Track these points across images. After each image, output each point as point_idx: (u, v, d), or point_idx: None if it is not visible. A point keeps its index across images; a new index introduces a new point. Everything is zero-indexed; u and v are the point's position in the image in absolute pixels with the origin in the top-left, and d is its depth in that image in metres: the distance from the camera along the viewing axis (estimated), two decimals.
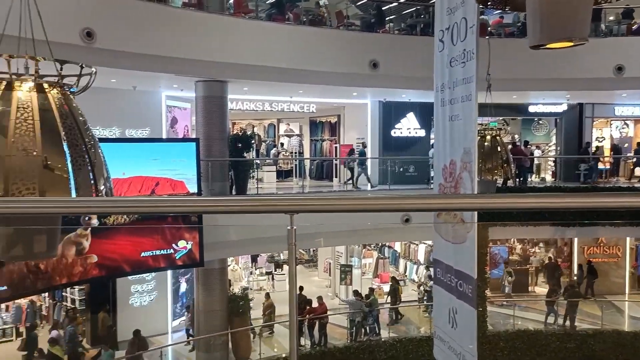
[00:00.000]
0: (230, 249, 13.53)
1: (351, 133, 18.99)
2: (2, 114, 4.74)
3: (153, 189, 11.48)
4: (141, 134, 14.58)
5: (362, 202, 1.85)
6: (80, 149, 5.09)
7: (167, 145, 12.86)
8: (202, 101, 13.28)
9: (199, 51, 12.08)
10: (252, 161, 15.11)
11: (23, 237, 5.01)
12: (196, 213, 1.84)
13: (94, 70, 5.20)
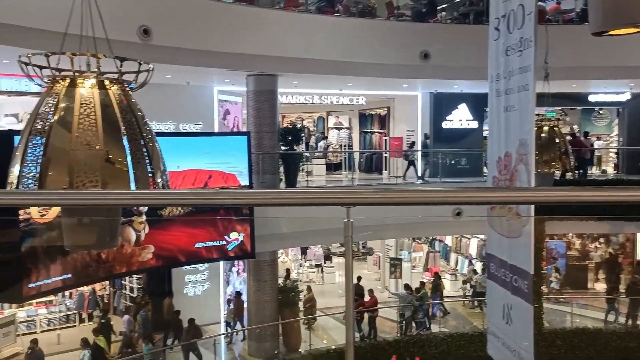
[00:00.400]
0: (281, 241, 13.69)
1: (401, 125, 18.79)
2: (67, 110, 4.97)
3: (206, 181, 11.75)
4: (194, 128, 14.93)
5: (419, 195, 1.83)
6: (139, 143, 5.27)
7: (219, 139, 13.11)
8: (253, 95, 13.45)
9: (250, 46, 12.24)
10: (301, 154, 15.21)
11: (86, 227, 5.24)
12: (255, 205, 1.87)
13: (152, 67, 5.37)
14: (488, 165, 7.66)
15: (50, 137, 4.82)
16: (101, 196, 2.61)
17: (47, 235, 9.13)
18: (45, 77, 4.98)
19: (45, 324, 14.80)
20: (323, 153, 19.70)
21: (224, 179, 11.90)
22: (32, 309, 14.73)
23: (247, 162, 12.18)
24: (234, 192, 2.31)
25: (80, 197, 2.61)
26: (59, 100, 4.92)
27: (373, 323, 14.13)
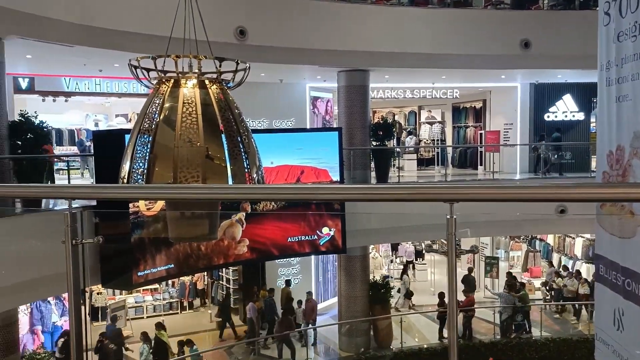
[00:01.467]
0: (372, 236, 13.63)
1: (498, 119, 18.01)
2: (171, 109, 5.26)
3: (298, 177, 11.97)
4: (287, 125, 15.26)
5: (527, 192, 1.71)
6: (236, 139, 5.46)
7: (311, 135, 13.29)
8: (344, 91, 13.49)
9: (342, 42, 12.28)
10: (393, 149, 15.04)
11: (189, 221, 5.50)
12: (356, 200, 1.85)
13: (248, 66, 5.54)
14: (597, 159, 7.11)
15: (157, 135, 5.12)
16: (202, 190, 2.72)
17: (153, 227, 9.74)
18: (152, 78, 5.30)
19: (151, 310, 15.83)
20: (415, 148, 19.35)
21: (315, 174, 12.05)
22: (140, 296, 15.80)
23: (339, 157, 12.24)
24: (335, 187, 2.30)
25: (183, 191, 2.73)
26: (164, 100, 5.21)
27: (468, 323, 13.70)
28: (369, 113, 13.93)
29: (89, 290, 13.24)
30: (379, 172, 13.75)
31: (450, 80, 16.56)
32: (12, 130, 9.27)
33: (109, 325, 13.29)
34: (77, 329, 2.12)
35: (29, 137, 9.41)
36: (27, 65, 12.51)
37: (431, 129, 20.48)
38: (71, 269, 2.08)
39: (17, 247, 7.91)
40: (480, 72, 14.38)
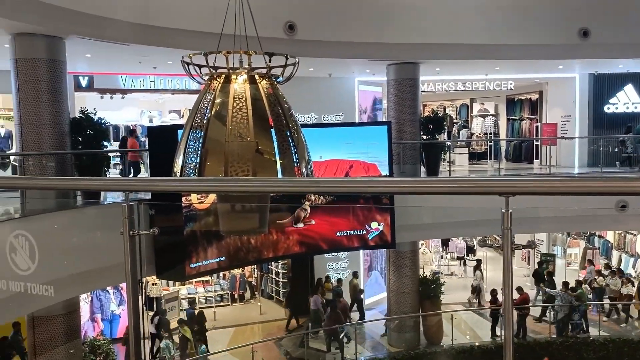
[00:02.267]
0: (422, 231, 13.44)
1: (555, 111, 17.36)
2: (222, 104, 5.34)
3: (347, 171, 11.94)
4: (336, 119, 15.25)
5: (589, 185, 1.62)
6: (285, 134, 5.50)
7: (360, 129, 13.21)
8: (394, 84, 13.34)
9: (391, 34, 12.14)
10: (444, 143, 14.77)
11: (240, 214, 5.58)
12: (408, 194, 1.80)
13: (297, 60, 5.55)
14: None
15: (208, 131, 5.23)
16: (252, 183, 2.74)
17: (205, 220, 9.95)
18: (203, 74, 5.41)
19: (203, 302, 16.21)
20: (466, 142, 18.93)
21: (364, 168, 11.99)
22: (192, 287, 16.22)
23: (388, 151, 12.13)
24: (385, 180, 2.26)
25: (233, 184, 2.76)
26: (215, 96, 5.31)
27: (522, 322, 13.32)
28: (419, 106, 13.72)
29: (144, 280, 13.71)
30: (429, 167, 13.54)
31: (505, 72, 16.08)
32: (73, 126, 9.69)
33: (189, 309, 14.07)
34: (135, 317, 2.19)
35: (89, 133, 9.82)
36: (86, 64, 13.03)
37: (484, 122, 19.97)
38: (129, 259, 2.14)
39: (77, 238, 8.26)
40: (536, 62, 13.89)
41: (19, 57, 9.05)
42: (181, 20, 10.20)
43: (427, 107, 20.13)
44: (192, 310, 13.87)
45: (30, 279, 2.86)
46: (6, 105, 15.14)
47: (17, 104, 9.15)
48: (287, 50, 5.92)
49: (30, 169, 9.46)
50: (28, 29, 8.84)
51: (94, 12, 9.16)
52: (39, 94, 9.06)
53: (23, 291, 2.86)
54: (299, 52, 9.15)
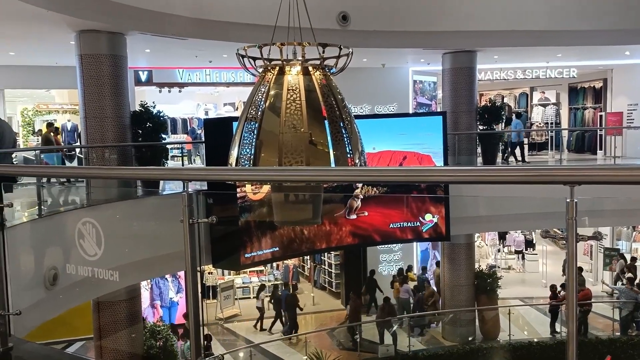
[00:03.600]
0: (478, 224, 13.13)
1: (620, 99, 16.51)
2: (276, 96, 5.39)
3: (401, 162, 11.80)
4: (389, 110, 15.10)
5: None
6: (339, 125, 5.49)
7: (414, 119, 13.02)
8: (449, 73, 13.05)
9: (447, 22, 11.85)
10: (501, 133, 14.34)
11: (293, 205, 5.63)
12: (463, 183, 1.74)
13: (351, 51, 5.52)
14: None
15: (262, 122, 5.29)
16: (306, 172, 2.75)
17: (259, 211, 10.11)
18: (258, 67, 5.47)
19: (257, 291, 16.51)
20: (526, 132, 18.30)
21: (418, 159, 11.82)
22: (247, 277, 16.55)
23: (443, 142, 11.90)
24: (441, 169, 2.20)
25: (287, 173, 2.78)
26: (269, 87, 5.36)
27: (584, 318, 12.81)
28: (475, 96, 13.37)
29: (200, 269, 14.12)
30: (486, 158, 13.18)
31: (567, 59, 15.40)
32: (134, 119, 10.04)
33: (283, 291, 14.88)
34: (194, 304, 2.25)
35: (148, 126, 10.15)
36: (145, 59, 13.46)
37: (544, 111, 19.23)
38: (188, 247, 2.20)
39: (138, 227, 8.58)
40: (601, 48, 13.22)
41: (84, 53, 9.45)
42: (236, 14, 10.34)
43: (484, 96, 19.60)
44: (286, 292, 14.63)
45: (97, 265, 3.00)
46: (72, 100, 15.89)
47: (82, 98, 9.57)
48: (340, 41, 5.89)
49: (94, 160, 9.89)
50: (92, 27, 9.20)
51: (153, 8, 9.44)
52: (102, 88, 9.45)
53: (91, 276, 3.00)
54: (352, 42, 9.10)
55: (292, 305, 13.99)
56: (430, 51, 12.78)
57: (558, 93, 19.25)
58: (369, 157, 11.21)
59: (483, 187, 9.55)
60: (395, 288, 14.63)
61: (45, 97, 17.21)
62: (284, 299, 14.24)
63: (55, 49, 11.29)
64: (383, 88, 14.93)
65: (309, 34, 5.58)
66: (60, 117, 15.92)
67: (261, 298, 14.56)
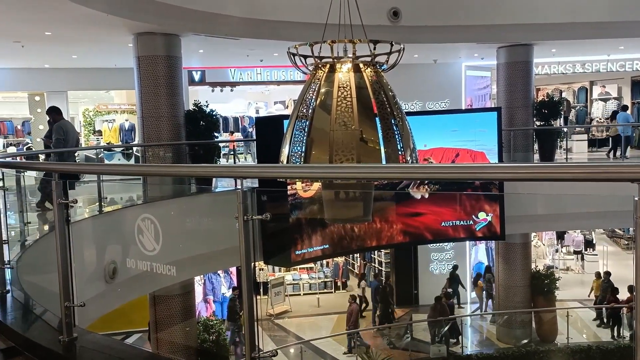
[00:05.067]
0: (534, 223, 12.71)
1: None
2: (327, 93, 5.38)
3: (453, 160, 11.57)
4: (441, 106, 14.83)
5: None
6: (390, 122, 5.43)
7: (467, 116, 12.73)
8: (504, 68, 12.68)
9: (502, 15, 11.51)
10: (559, 129, 13.82)
11: (344, 203, 5.62)
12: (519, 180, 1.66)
13: (403, 47, 5.44)
14: None
15: (313, 120, 5.30)
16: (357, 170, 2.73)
17: (309, 208, 10.15)
18: (308, 65, 5.48)
19: (307, 288, 16.62)
20: (585, 128, 17.57)
21: (472, 157, 11.55)
22: (297, 274, 16.68)
23: (497, 139, 11.58)
24: (496, 166, 2.12)
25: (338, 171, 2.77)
26: (320, 85, 5.36)
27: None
28: (532, 91, 12.94)
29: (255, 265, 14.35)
30: (544, 154, 12.74)
31: (630, 51, 14.68)
32: (188, 118, 10.30)
33: (372, 282, 14.92)
34: (249, 299, 2.28)
35: (201, 124, 10.39)
36: (199, 59, 13.78)
37: (605, 106, 18.41)
38: (243, 243, 2.22)
39: (192, 223, 8.79)
40: None
41: (141, 55, 9.76)
42: (287, 13, 10.41)
43: (541, 91, 18.96)
44: (377, 283, 14.56)
45: (155, 259, 3.10)
46: (130, 100, 16.47)
47: (139, 98, 9.89)
48: (391, 37, 5.82)
49: (150, 159, 10.21)
50: (148, 29, 9.50)
51: (206, 10, 9.64)
52: (157, 88, 9.74)
53: (149, 270, 3.09)
54: (403, 38, 9.00)
55: (384, 297, 13.87)
56: (485, 45, 12.46)
57: (620, 87, 18.38)
58: (421, 154, 11.06)
59: (541, 185, 9.24)
60: (479, 286, 14.52)
61: (105, 97, 17.92)
62: (374, 289, 14.23)
63: (114, 52, 11.74)
64: (435, 84, 14.69)
65: (359, 31, 5.54)
66: (118, 117, 16.54)
67: (362, 287, 14.58)
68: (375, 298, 14.17)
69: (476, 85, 15.95)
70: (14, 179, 5.31)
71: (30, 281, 4.51)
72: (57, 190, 3.07)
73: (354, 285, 17.23)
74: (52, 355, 3.10)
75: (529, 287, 12.89)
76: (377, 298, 14.09)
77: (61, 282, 3.09)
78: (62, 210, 3.10)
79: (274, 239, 10.12)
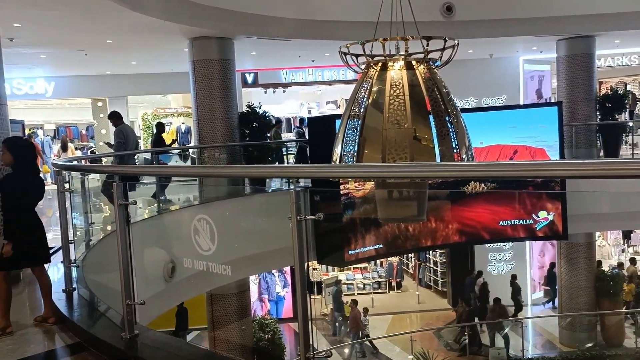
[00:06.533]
0: (599, 222, 12.12)
1: None
2: (379, 92, 5.33)
3: (511, 157, 11.22)
4: (497, 102, 14.43)
5: None
6: (444, 119, 5.32)
7: (526, 111, 12.30)
8: (565, 61, 12.18)
9: (561, 6, 11.07)
10: (624, 124, 13.14)
11: (398, 202, 5.55)
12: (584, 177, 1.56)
13: (457, 42, 5.31)
14: None
15: (366, 119, 5.25)
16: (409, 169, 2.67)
17: (363, 208, 10.10)
18: (360, 63, 5.44)
19: (361, 288, 16.55)
20: None
21: (531, 153, 11.16)
22: (350, 274, 16.63)
23: (559, 135, 11.13)
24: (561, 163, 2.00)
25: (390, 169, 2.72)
26: (372, 84, 5.31)
27: None
28: (594, 84, 12.37)
29: None
30: (608, 150, 12.14)
31: None
32: (241, 120, 10.47)
33: (469, 279, 14.47)
34: (303, 299, 2.28)
35: (255, 126, 10.53)
36: (251, 61, 13.99)
37: None
38: (296, 243, 2.22)
39: (247, 223, 8.92)
40: None
41: (196, 59, 10.01)
42: (338, 12, 10.40)
43: (604, 84, 18.11)
44: (472, 280, 14.19)
45: (211, 259, 3.16)
46: (186, 103, 16.93)
47: (194, 101, 10.14)
48: (445, 33, 5.70)
49: (206, 160, 10.44)
50: (203, 33, 9.72)
51: (258, 12, 9.77)
52: (212, 91, 9.95)
53: (205, 270, 3.15)
54: (457, 34, 8.79)
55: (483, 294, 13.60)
56: (543, 38, 12.01)
57: None
58: (476, 152, 10.76)
59: (606, 182, 8.82)
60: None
61: (162, 101, 18.52)
62: (469, 285, 13.94)
63: (171, 57, 12.09)
64: (491, 79, 14.30)
65: (412, 28, 5.45)
66: (175, 120, 17.04)
67: (479, 283, 14.11)
68: (469, 295, 13.76)
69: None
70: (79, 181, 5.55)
71: (95, 279, 4.71)
72: (117, 191, 3.17)
73: (408, 285, 17.03)
74: (115, 352, 3.21)
75: (594, 289, 12.33)
76: (470, 295, 13.68)
77: (122, 281, 3.19)
78: (122, 211, 3.21)
79: (328, 238, 10.13)
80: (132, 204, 3.32)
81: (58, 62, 12.75)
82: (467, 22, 10.82)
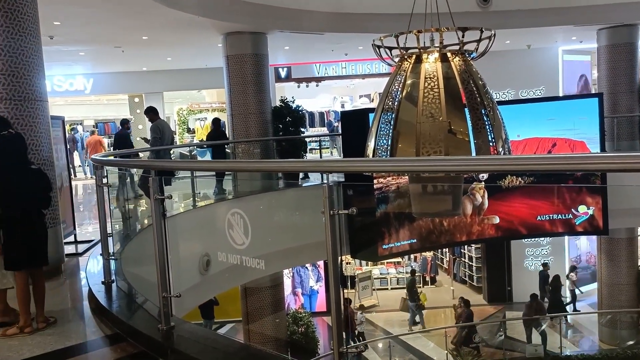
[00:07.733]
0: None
1: None
2: (413, 85, 5.25)
3: (549, 150, 10.94)
4: (535, 94, 14.09)
5: None
6: (480, 112, 5.20)
7: (565, 103, 11.96)
8: (606, 51, 11.80)
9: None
10: None
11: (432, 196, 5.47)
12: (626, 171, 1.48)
13: (493, 33, 5.19)
14: None
15: (399, 112, 5.19)
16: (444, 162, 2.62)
17: (397, 202, 10.02)
18: (394, 56, 5.37)
19: (395, 283, 16.45)
20: None
21: (570, 146, 10.85)
22: (384, 268, 16.56)
23: (599, 127, 10.79)
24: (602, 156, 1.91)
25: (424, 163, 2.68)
26: (406, 77, 5.23)
27: None
28: (637, 75, 11.93)
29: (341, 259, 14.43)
30: None
31: None
32: (275, 114, 10.51)
33: (541, 271, 14.13)
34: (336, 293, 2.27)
35: (288, 120, 10.56)
36: (285, 56, 14.02)
37: None
38: (329, 237, 2.21)
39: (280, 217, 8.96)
40: None
41: (230, 54, 10.09)
42: (371, 5, 10.31)
43: None
44: (545, 273, 14.02)
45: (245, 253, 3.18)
46: (220, 98, 17.12)
47: (228, 96, 10.24)
48: (481, 24, 5.57)
49: (240, 155, 10.54)
50: (237, 29, 9.79)
51: (291, 6, 9.77)
52: (246, 86, 10.01)
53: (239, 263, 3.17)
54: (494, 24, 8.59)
55: (556, 290, 13.33)
56: (583, 28, 11.64)
57: None
58: (514, 145, 10.55)
59: None
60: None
61: (197, 97, 18.77)
62: (542, 279, 13.78)
63: (205, 52, 12.24)
64: (529, 71, 13.97)
65: (447, 19, 5.36)
66: (209, 115, 17.26)
67: (571, 279, 14.02)
68: (544, 288, 13.53)
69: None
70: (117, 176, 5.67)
71: (132, 272, 4.81)
72: (153, 186, 3.22)
73: (443, 281, 16.85)
74: (152, 343, 3.28)
75: (636, 286, 11.95)
76: (545, 288, 13.43)
77: (159, 274, 3.25)
78: (159, 205, 3.26)
79: (361, 232, 10.09)
80: (168, 199, 3.36)
81: (96, 59, 13.07)
82: (504, 12, 10.58)
